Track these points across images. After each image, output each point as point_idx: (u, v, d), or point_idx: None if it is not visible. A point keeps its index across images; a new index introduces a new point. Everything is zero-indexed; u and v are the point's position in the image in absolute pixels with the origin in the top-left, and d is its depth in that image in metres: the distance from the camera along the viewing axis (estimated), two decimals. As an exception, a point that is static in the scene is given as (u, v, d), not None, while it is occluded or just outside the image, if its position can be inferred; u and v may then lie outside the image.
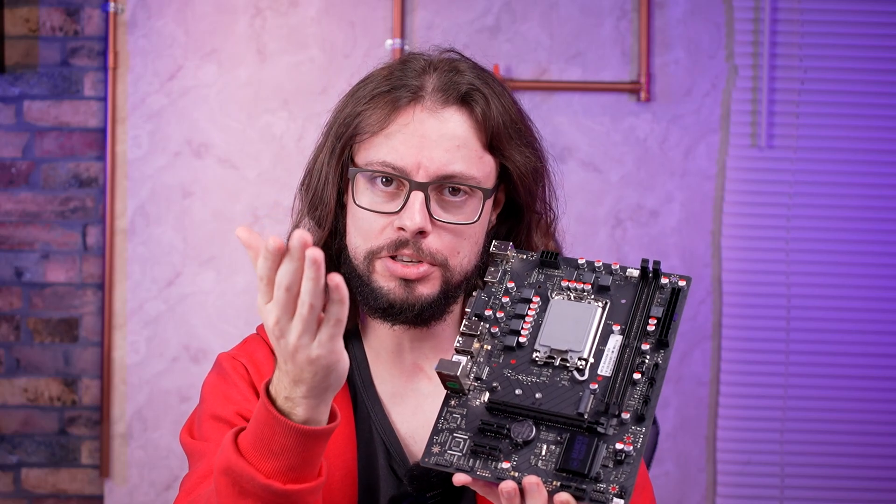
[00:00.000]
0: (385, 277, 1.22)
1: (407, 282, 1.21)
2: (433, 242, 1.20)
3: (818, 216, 3.03)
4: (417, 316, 1.22)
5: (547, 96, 3.02)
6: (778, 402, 3.02)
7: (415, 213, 1.18)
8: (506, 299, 1.12)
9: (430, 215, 1.20)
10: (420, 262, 1.20)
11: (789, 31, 3.01)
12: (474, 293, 1.13)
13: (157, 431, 3.02)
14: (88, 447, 3.03)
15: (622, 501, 0.99)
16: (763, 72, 2.99)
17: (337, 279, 0.96)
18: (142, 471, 3.02)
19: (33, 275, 3.03)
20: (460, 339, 1.09)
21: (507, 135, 1.24)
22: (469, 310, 1.11)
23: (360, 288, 1.24)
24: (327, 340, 0.98)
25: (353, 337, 1.32)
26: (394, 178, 1.20)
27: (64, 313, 3.03)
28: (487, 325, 1.10)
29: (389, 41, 2.98)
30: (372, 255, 1.22)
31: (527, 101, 3.00)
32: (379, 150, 1.21)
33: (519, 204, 1.28)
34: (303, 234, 0.96)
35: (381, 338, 1.30)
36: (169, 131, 3.01)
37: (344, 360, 1.01)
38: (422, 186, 1.19)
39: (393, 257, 1.21)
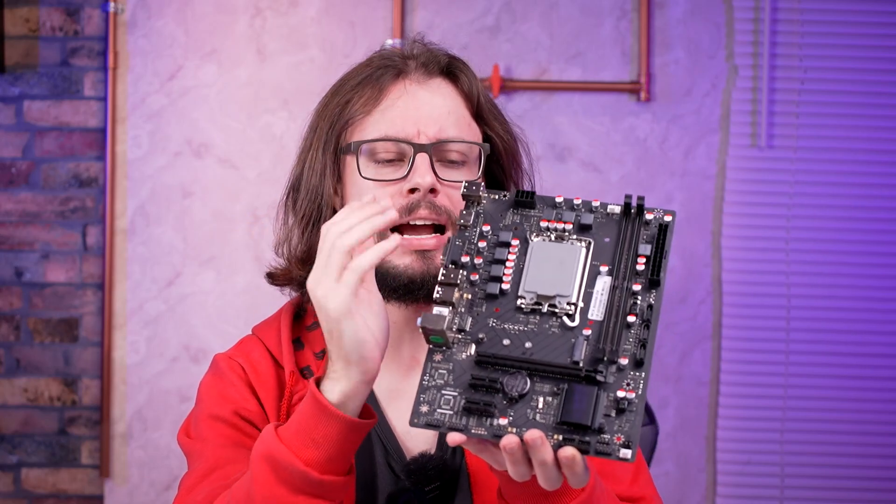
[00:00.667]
0: (399, 255, 1.22)
1: (424, 254, 1.22)
2: (443, 200, 1.23)
3: (818, 216, 3.03)
4: None
5: (547, 96, 3.02)
6: (778, 402, 3.02)
7: (425, 173, 1.21)
8: (482, 244, 1.06)
9: (436, 175, 1.23)
10: (432, 229, 1.22)
11: (789, 31, 3.01)
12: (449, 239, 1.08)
13: (157, 431, 3.02)
14: (88, 447, 3.03)
15: (629, 452, 0.95)
16: (763, 72, 2.99)
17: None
18: (142, 471, 3.02)
19: (33, 275, 3.03)
20: (440, 288, 1.03)
21: (488, 108, 1.30)
22: (444, 256, 1.05)
23: (375, 273, 1.24)
24: (340, 288, 1.03)
25: None
26: (395, 151, 1.23)
27: (64, 313, 3.03)
28: (465, 273, 1.04)
29: (389, 41, 2.98)
30: (386, 228, 1.22)
31: (527, 101, 3.03)
32: (377, 126, 1.24)
33: (499, 176, 1.32)
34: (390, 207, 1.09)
35: None
36: (169, 131, 3.01)
37: (352, 322, 1.04)
38: (425, 148, 1.22)
39: (404, 231, 1.22)
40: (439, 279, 1.04)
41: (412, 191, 1.22)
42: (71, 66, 3.02)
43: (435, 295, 1.03)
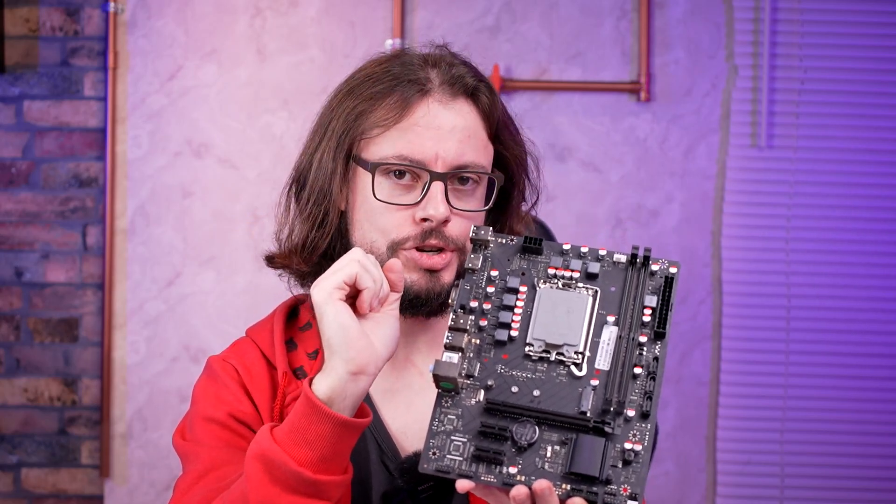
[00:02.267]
0: (408, 270, 1.22)
1: (431, 272, 1.22)
2: (453, 229, 1.22)
3: (818, 216, 3.03)
4: (442, 305, 1.24)
5: (547, 96, 3.02)
6: (778, 402, 3.02)
7: (439, 203, 1.21)
8: (490, 288, 1.08)
9: (449, 204, 1.22)
10: (442, 251, 1.22)
11: (789, 31, 3.01)
12: (457, 282, 1.10)
13: (157, 431, 3.02)
14: (88, 447, 3.03)
15: (635, 503, 0.98)
16: (763, 72, 2.99)
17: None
18: (142, 471, 3.02)
19: (33, 275, 3.03)
20: (449, 334, 1.05)
21: (505, 126, 1.29)
22: (454, 301, 1.07)
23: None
24: (326, 275, 1.09)
25: None
26: (409, 171, 1.22)
27: (64, 313, 3.03)
28: (474, 318, 1.06)
29: (389, 41, 2.98)
30: (395, 247, 1.22)
31: (527, 101, 3.02)
32: (395, 144, 1.22)
33: (510, 190, 1.31)
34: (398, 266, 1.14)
35: None
36: (169, 131, 3.01)
37: (334, 309, 1.08)
38: (441, 177, 1.21)
39: (418, 249, 1.22)
40: (449, 324, 1.06)
41: (425, 220, 1.22)
42: (71, 66, 3.02)
43: (445, 340, 1.05)
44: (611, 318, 1.05)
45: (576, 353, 1.03)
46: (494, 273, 1.09)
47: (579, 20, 3.02)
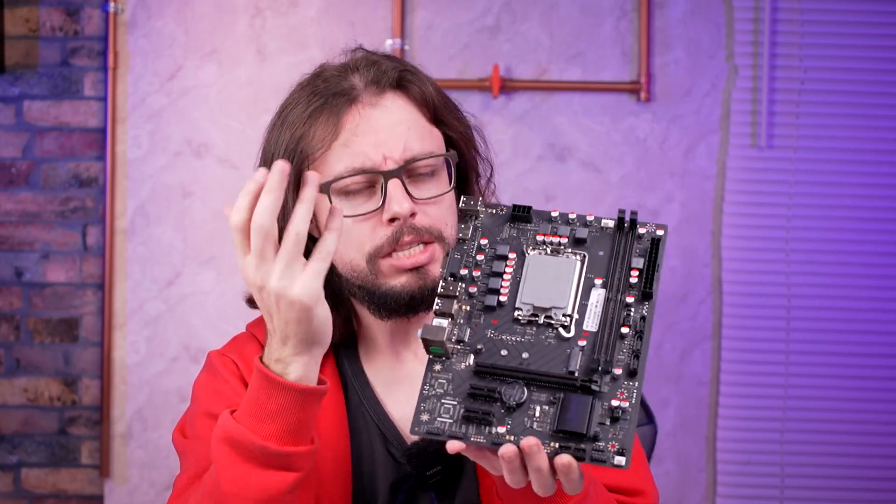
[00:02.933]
0: (394, 276, 1.22)
1: (418, 269, 1.22)
2: (424, 220, 1.22)
3: (818, 216, 3.03)
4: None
5: (547, 96, 3.02)
6: (778, 402, 3.02)
7: (402, 200, 1.20)
8: (480, 257, 1.09)
9: (411, 197, 1.21)
10: (422, 245, 1.22)
11: (789, 31, 3.01)
12: (447, 253, 1.11)
13: (157, 431, 3.02)
14: (88, 447, 3.03)
15: (623, 459, 0.98)
16: (763, 72, 2.99)
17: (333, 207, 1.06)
18: (142, 471, 3.02)
19: (33, 275, 3.03)
20: (439, 301, 1.06)
21: (443, 106, 1.28)
22: (444, 269, 1.08)
23: (370, 298, 1.25)
24: (311, 277, 1.03)
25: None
26: (365, 181, 1.22)
27: (64, 313, 3.03)
28: (464, 285, 1.07)
29: (389, 41, 2.98)
30: (374, 257, 1.22)
31: (527, 101, 3.03)
32: (341, 160, 1.22)
33: (464, 168, 1.31)
34: (283, 164, 1.01)
35: (370, 326, 1.31)
36: (169, 131, 3.01)
37: (324, 306, 1.06)
38: (395, 173, 1.21)
39: (395, 251, 1.22)
40: (439, 291, 1.06)
41: (392, 220, 1.21)
42: (71, 66, 3.02)
43: (434, 306, 1.06)
44: (598, 281, 1.06)
45: (564, 315, 1.04)
46: (484, 242, 1.10)
47: (579, 20, 3.02)
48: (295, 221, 1.03)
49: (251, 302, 1.29)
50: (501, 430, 1.00)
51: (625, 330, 1.03)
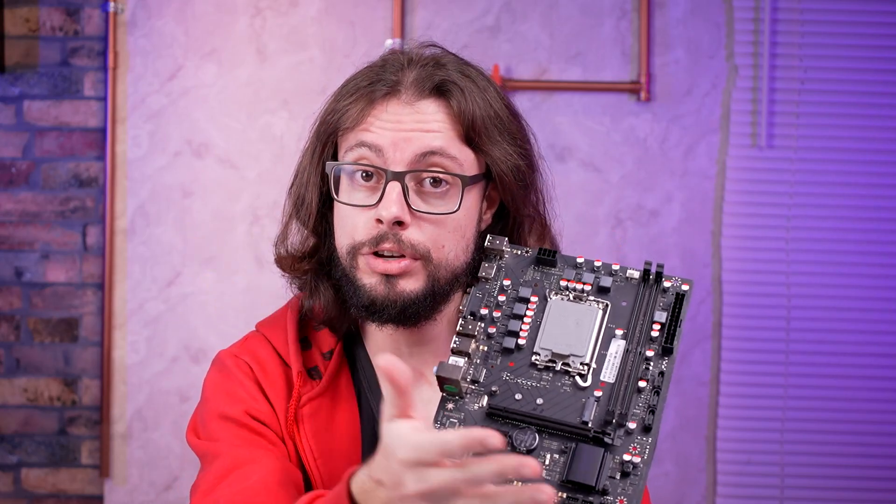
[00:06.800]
0: (367, 274, 1.19)
1: (388, 277, 1.18)
2: (413, 234, 1.18)
3: (818, 216, 3.03)
4: (401, 313, 1.19)
5: (547, 96, 3.02)
6: (778, 402, 3.02)
7: (391, 203, 1.16)
8: (502, 297, 1.08)
9: (409, 206, 1.17)
10: (402, 256, 1.18)
11: (789, 31, 3.01)
12: (469, 290, 1.09)
13: (157, 431, 3.02)
14: (88, 447, 3.03)
15: None
16: (763, 72, 2.99)
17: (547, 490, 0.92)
18: (142, 471, 3.02)
19: (33, 275, 3.03)
20: (457, 339, 1.05)
21: (486, 129, 1.21)
22: (464, 307, 1.07)
23: (347, 286, 1.22)
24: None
25: (356, 339, 1.31)
26: (373, 173, 1.19)
27: (64, 313, 3.03)
28: (483, 325, 1.06)
29: (389, 41, 2.98)
30: (354, 251, 1.20)
31: (527, 101, 3.02)
32: (359, 145, 1.19)
33: (509, 205, 1.25)
34: (535, 465, 0.90)
35: (378, 343, 1.29)
36: (169, 131, 3.01)
37: None
38: (398, 176, 1.17)
39: (376, 254, 1.18)
40: (458, 328, 1.05)
41: (380, 220, 1.17)
42: (71, 66, 3.02)
43: (452, 344, 1.05)
44: (619, 332, 1.05)
45: (582, 364, 1.03)
46: (507, 283, 1.09)
47: (579, 20, 3.02)
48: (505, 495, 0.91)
49: (280, 262, 1.28)
50: None
51: (642, 384, 1.02)
